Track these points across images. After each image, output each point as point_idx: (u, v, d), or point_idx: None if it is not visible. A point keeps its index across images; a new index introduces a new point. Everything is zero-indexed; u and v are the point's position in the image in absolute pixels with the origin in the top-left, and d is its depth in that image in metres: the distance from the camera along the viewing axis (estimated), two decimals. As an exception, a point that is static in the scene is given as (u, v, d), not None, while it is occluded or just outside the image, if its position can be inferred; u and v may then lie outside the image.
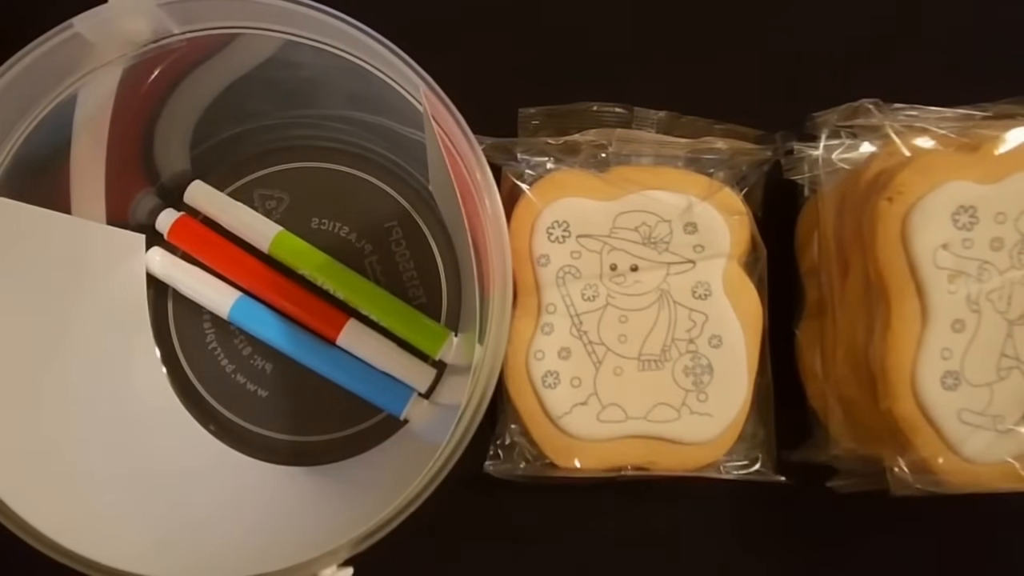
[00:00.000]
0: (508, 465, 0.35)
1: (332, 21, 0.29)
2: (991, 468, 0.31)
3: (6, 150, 0.30)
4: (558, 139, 0.35)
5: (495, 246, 0.30)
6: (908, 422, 0.31)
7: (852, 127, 0.34)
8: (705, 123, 0.36)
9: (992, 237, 0.31)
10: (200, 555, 0.31)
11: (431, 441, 0.30)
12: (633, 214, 0.34)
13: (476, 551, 0.38)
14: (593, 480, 0.35)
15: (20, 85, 0.29)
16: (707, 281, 0.34)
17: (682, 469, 0.34)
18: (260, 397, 0.37)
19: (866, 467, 0.33)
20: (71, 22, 0.28)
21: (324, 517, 0.33)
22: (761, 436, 0.35)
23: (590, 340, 0.34)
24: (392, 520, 0.29)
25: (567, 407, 0.34)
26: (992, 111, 0.33)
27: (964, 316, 0.31)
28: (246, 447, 0.37)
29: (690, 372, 0.34)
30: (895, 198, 0.31)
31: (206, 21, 0.30)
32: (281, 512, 0.35)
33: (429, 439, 0.34)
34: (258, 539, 0.32)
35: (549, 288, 0.34)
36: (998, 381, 0.31)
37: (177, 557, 0.31)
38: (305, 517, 0.34)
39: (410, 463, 0.30)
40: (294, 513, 0.35)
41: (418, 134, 0.32)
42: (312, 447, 0.37)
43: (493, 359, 0.30)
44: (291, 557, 0.29)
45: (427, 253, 0.38)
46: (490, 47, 0.38)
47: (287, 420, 0.37)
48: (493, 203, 0.30)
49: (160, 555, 0.30)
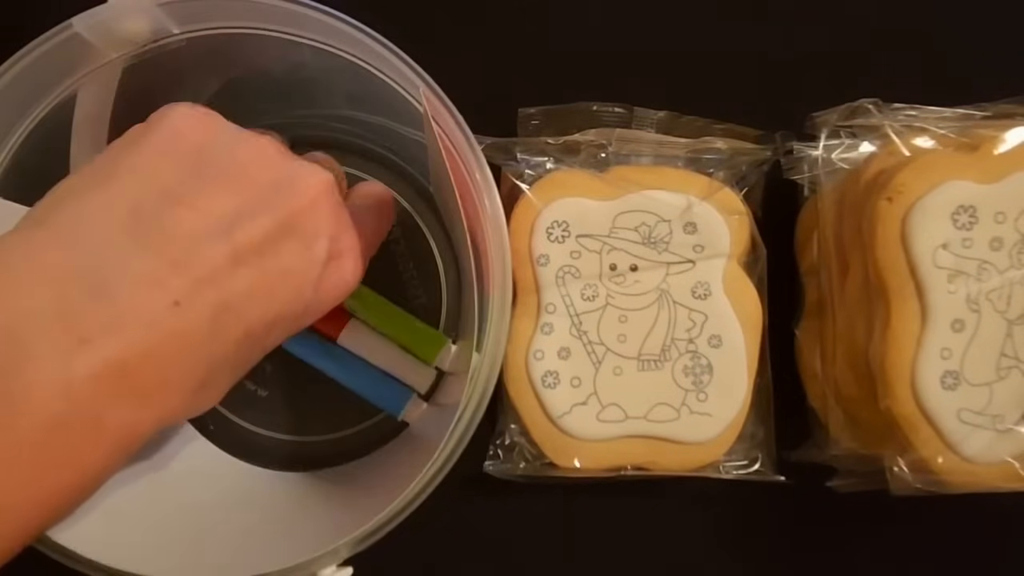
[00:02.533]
0: (508, 465, 0.35)
1: (332, 21, 0.29)
2: (991, 468, 0.31)
3: (6, 150, 0.30)
4: (558, 139, 0.35)
5: (495, 246, 0.30)
6: (908, 422, 0.31)
7: (852, 127, 0.34)
8: (705, 123, 0.36)
9: (992, 237, 0.31)
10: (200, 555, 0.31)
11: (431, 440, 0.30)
12: (633, 214, 0.34)
13: (476, 551, 0.38)
14: (593, 480, 0.35)
15: (20, 85, 0.29)
16: (707, 281, 0.34)
17: (682, 469, 0.34)
18: (260, 397, 0.37)
19: (866, 467, 0.33)
20: (70, 22, 0.28)
21: (324, 517, 0.33)
22: (761, 436, 0.35)
23: (590, 340, 0.34)
24: (392, 520, 0.29)
25: (567, 407, 0.34)
26: (992, 111, 0.33)
27: (964, 316, 0.31)
28: (246, 447, 0.37)
29: (690, 372, 0.34)
30: (895, 198, 0.31)
31: (206, 21, 0.30)
32: (281, 512, 0.35)
33: (429, 438, 0.34)
34: (258, 539, 0.32)
35: (549, 288, 0.34)
36: (998, 381, 0.31)
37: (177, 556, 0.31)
38: (305, 517, 0.34)
39: (410, 464, 0.30)
40: (294, 513, 0.35)
41: (418, 134, 0.32)
42: (312, 447, 0.37)
43: (492, 359, 0.30)
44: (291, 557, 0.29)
45: (427, 253, 0.38)
46: (490, 47, 0.38)
47: (287, 420, 0.37)
48: (493, 203, 0.30)
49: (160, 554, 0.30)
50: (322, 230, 0.26)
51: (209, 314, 0.24)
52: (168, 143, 0.25)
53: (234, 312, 0.24)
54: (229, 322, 0.24)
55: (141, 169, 0.24)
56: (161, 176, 0.24)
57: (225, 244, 0.24)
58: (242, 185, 0.25)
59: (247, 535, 0.32)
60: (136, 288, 0.23)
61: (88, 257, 0.23)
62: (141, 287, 0.23)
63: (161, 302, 0.23)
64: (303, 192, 0.26)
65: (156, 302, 0.23)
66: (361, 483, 0.36)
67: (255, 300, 0.25)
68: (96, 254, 0.23)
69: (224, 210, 0.24)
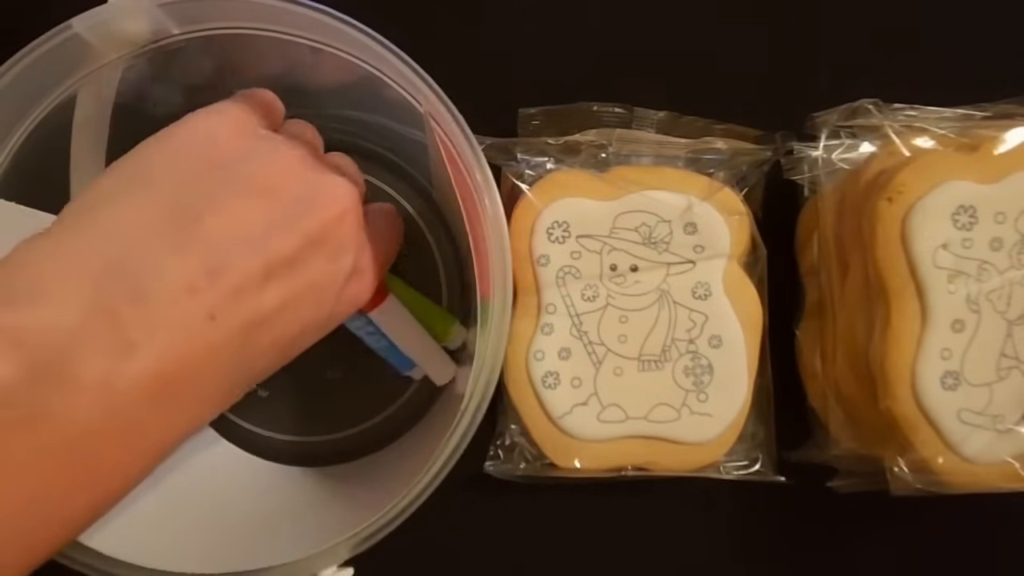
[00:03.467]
0: (508, 465, 0.35)
1: (333, 22, 0.29)
2: (991, 468, 0.31)
3: (6, 150, 0.30)
4: (558, 139, 0.35)
5: (495, 246, 0.30)
6: (908, 422, 0.31)
7: (852, 127, 0.34)
8: (705, 123, 0.36)
9: (992, 237, 0.31)
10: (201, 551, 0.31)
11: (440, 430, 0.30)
12: (633, 214, 0.34)
13: (476, 551, 0.38)
14: (593, 480, 0.35)
15: (20, 85, 0.29)
16: (707, 281, 0.34)
17: (682, 469, 0.34)
18: (260, 397, 0.37)
19: (866, 467, 0.33)
20: (70, 23, 0.28)
21: (324, 517, 0.33)
22: (761, 436, 0.35)
23: (590, 340, 0.34)
24: (392, 520, 0.29)
25: (567, 407, 0.34)
26: (992, 111, 0.33)
27: (964, 316, 0.31)
28: (247, 447, 0.37)
29: (690, 372, 0.34)
30: (895, 198, 0.31)
31: (206, 21, 0.30)
32: (282, 511, 0.35)
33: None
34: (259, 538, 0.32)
35: (549, 288, 0.34)
36: (998, 381, 0.31)
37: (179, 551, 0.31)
38: (305, 517, 0.34)
39: (410, 463, 0.30)
40: (295, 513, 0.35)
41: (418, 134, 0.32)
42: (312, 447, 0.37)
43: (493, 359, 0.30)
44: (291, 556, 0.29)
45: (427, 253, 0.38)
46: (490, 47, 0.38)
47: (288, 420, 0.37)
48: (493, 203, 0.30)
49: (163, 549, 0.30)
50: (347, 245, 0.27)
51: (240, 329, 0.24)
52: (204, 148, 0.25)
53: (264, 327, 0.25)
54: (258, 337, 0.25)
55: (177, 174, 0.25)
56: (197, 183, 0.24)
57: (258, 257, 0.24)
58: (274, 198, 0.25)
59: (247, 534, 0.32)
60: (175, 295, 0.23)
61: (127, 260, 0.23)
62: (180, 295, 0.23)
63: (198, 313, 0.23)
64: (331, 206, 0.26)
65: (193, 312, 0.23)
66: (361, 483, 0.36)
67: (284, 315, 0.25)
68: (135, 257, 0.23)
69: (257, 222, 0.25)
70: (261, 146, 0.26)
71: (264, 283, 0.24)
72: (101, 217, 0.24)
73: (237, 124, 0.26)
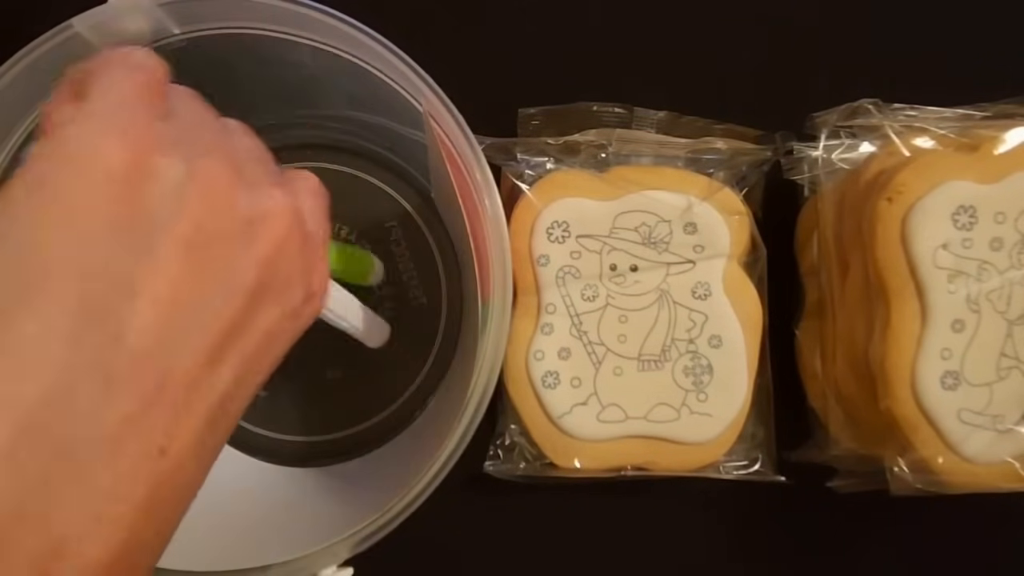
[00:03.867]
0: (508, 465, 0.35)
1: (332, 21, 0.29)
2: (991, 468, 0.31)
3: (6, 150, 0.30)
4: (558, 139, 0.35)
5: (495, 246, 0.30)
6: (908, 422, 0.31)
7: (852, 127, 0.34)
8: (705, 123, 0.36)
9: (992, 237, 0.31)
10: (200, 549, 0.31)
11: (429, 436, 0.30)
12: (633, 214, 0.34)
13: (476, 551, 0.38)
14: (593, 480, 0.35)
15: (20, 85, 0.29)
16: (707, 281, 0.34)
17: (682, 469, 0.35)
18: (260, 397, 0.37)
19: (866, 467, 0.33)
20: (71, 22, 0.28)
21: (324, 517, 0.33)
22: (761, 436, 0.35)
23: (590, 340, 0.34)
24: (392, 520, 0.29)
25: (567, 407, 0.34)
26: (991, 111, 0.33)
27: (964, 316, 0.31)
28: (247, 447, 0.37)
29: (690, 372, 0.34)
30: (895, 198, 0.31)
31: (206, 21, 0.30)
32: (281, 511, 0.35)
33: None
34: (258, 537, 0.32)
35: (549, 288, 0.34)
36: (998, 381, 0.31)
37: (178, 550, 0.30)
38: (305, 516, 0.34)
39: (410, 463, 0.30)
40: (294, 512, 0.35)
41: (418, 134, 0.32)
42: (312, 447, 0.37)
43: (493, 359, 0.30)
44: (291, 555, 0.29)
45: (427, 253, 0.38)
46: (490, 47, 0.38)
47: (287, 420, 0.37)
48: (493, 203, 0.30)
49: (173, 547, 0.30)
50: (294, 278, 0.23)
51: (197, 435, 0.20)
52: (99, 197, 0.19)
53: (226, 402, 0.21)
54: (221, 416, 0.21)
55: (78, 256, 0.19)
56: (103, 265, 0.19)
57: (201, 342, 0.20)
58: (202, 250, 0.20)
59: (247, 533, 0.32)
60: (111, 447, 0.18)
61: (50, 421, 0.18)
62: (117, 445, 0.19)
63: (143, 458, 0.19)
64: (267, 238, 0.22)
65: (138, 460, 0.19)
66: (361, 482, 0.36)
67: (244, 380, 0.22)
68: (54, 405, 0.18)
69: (189, 299, 0.20)
70: (171, 169, 0.20)
71: (213, 367, 0.21)
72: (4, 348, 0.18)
73: (130, 141, 0.20)
